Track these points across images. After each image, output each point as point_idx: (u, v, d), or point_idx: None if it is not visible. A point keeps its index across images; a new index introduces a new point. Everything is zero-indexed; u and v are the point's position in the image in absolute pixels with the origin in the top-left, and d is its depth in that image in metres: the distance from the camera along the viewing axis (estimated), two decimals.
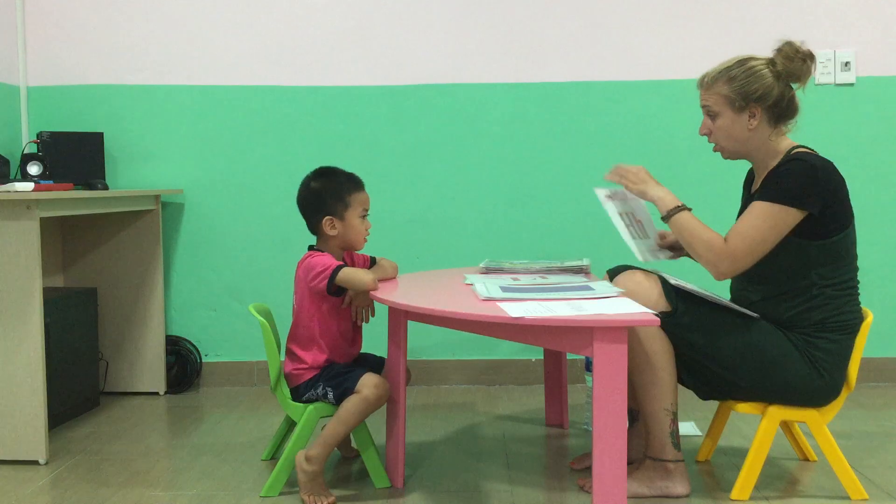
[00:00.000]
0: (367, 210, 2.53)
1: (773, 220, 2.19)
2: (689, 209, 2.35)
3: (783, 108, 2.31)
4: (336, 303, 2.48)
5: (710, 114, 2.35)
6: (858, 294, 2.32)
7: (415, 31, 3.65)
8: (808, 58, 2.28)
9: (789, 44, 2.29)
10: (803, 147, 2.32)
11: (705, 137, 2.41)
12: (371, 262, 2.66)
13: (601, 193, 2.50)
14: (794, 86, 2.32)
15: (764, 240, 2.20)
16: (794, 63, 2.27)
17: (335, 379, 2.42)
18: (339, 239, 2.50)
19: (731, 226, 2.28)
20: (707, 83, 2.35)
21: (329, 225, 2.48)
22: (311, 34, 3.66)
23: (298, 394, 2.47)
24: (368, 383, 2.37)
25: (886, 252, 3.61)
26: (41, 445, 2.69)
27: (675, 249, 2.58)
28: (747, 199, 2.47)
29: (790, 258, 2.23)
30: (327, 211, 2.47)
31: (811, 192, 2.18)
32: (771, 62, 2.30)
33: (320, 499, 2.31)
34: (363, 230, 2.52)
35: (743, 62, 2.31)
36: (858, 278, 2.32)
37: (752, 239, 2.21)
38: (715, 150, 2.42)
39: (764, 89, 2.27)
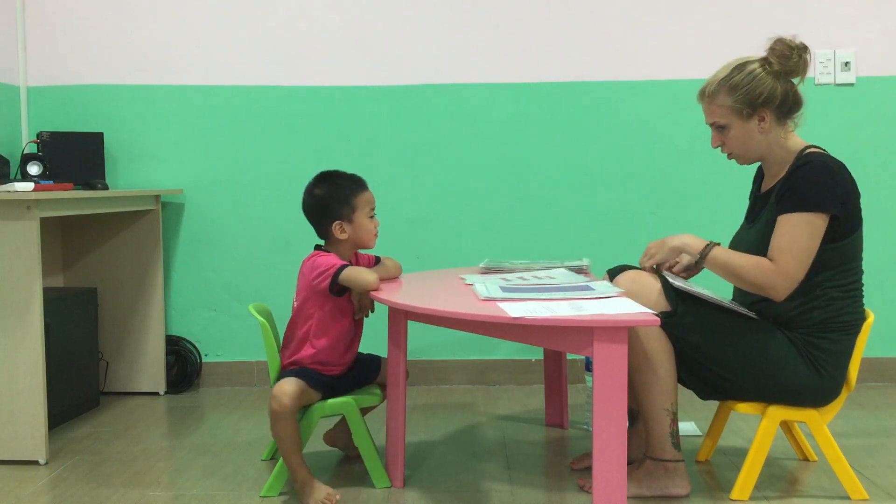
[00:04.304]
0: (373, 209, 2.54)
1: (809, 229, 2.18)
2: (719, 244, 2.31)
3: (790, 105, 2.30)
4: (339, 303, 2.48)
5: (719, 127, 2.33)
6: (863, 296, 2.31)
7: (415, 31, 3.65)
8: (803, 50, 2.27)
9: (781, 41, 2.27)
10: (813, 147, 2.31)
11: (707, 138, 2.40)
12: (376, 262, 2.66)
13: (673, 283, 2.30)
14: (793, 80, 2.31)
15: (809, 249, 2.18)
16: (790, 60, 2.26)
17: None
18: (351, 241, 2.51)
19: (770, 244, 2.22)
20: (709, 95, 2.32)
21: (339, 229, 2.48)
22: (311, 34, 3.66)
23: None
24: (273, 393, 2.33)
25: (886, 252, 3.61)
26: (41, 445, 2.69)
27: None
28: (756, 196, 2.46)
29: None
30: (335, 216, 2.47)
31: (832, 194, 2.18)
32: (766, 62, 2.28)
33: (325, 499, 2.31)
34: (373, 229, 2.53)
35: (741, 67, 2.29)
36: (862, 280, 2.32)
37: (799, 252, 2.18)
38: (730, 159, 2.40)
39: (768, 92, 2.26)
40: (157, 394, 3.59)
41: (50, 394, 2.81)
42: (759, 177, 2.51)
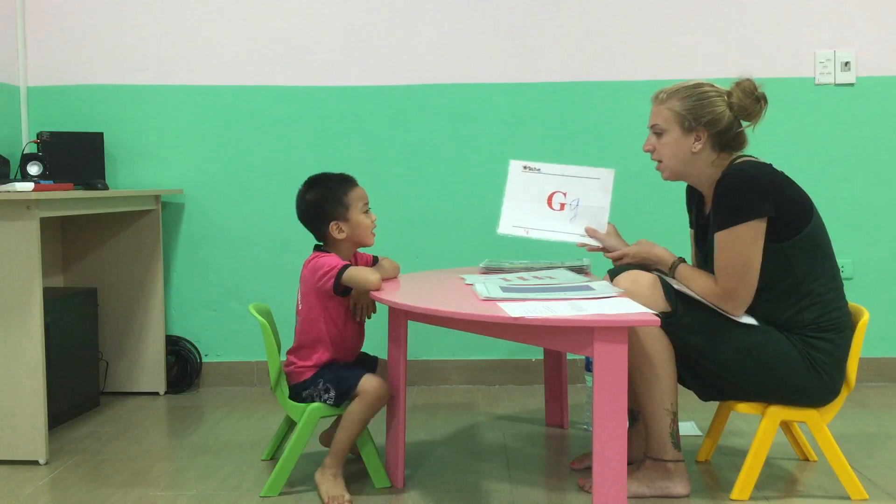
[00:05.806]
0: (367, 204, 2.54)
1: (742, 242, 2.21)
2: (683, 260, 2.39)
3: (729, 139, 2.34)
4: (343, 302, 2.48)
5: (658, 131, 2.39)
6: (843, 285, 2.33)
7: (415, 31, 3.65)
8: (763, 99, 2.32)
9: (750, 81, 2.32)
10: (743, 156, 2.34)
11: None
12: (374, 262, 2.66)
13: (673, 284, 2.33)
14: (744, 123, 2.34)
15: (747, 263, 2.22)
16: (748, 99, 2.30)
17: (336, 376, 2.42)
18: (349, 239, 2.51)
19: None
20: (662, 98, 2.38)
21: (336, 229, 2.48)
22: (311, 34, 3.66)
23: (297, 392, 2.46)
24: (368, 387, 2.37)
25: (886, 252, 3.61)
26: (41, 445, 2.69)
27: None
28: (698, 218, 2.49)
29: (772, 262, 2.24)
30: (330, 217, 2.48)
31: (759, 198, 2.20)
32: (727, 93, 2.34)
33: (336, 498, 2.32)
34: (370, 224, 2.53)
35: (700, 86, 2.36)
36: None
37: (735, 269, 2.22)
38: (657, 169, 2.45)
39: (714, 115, 2.31)
40: (157, 394, 3.59)
41: (50, 394, 2.81)
42: (691, 200, 2.56)
